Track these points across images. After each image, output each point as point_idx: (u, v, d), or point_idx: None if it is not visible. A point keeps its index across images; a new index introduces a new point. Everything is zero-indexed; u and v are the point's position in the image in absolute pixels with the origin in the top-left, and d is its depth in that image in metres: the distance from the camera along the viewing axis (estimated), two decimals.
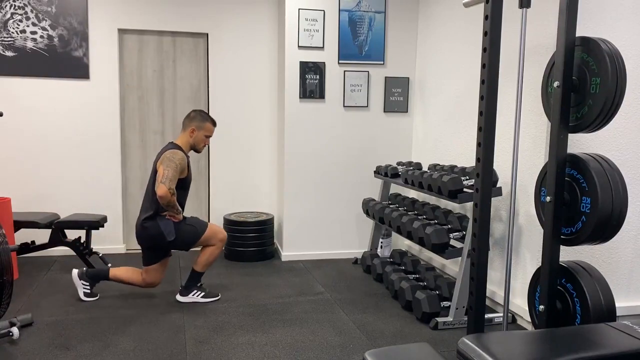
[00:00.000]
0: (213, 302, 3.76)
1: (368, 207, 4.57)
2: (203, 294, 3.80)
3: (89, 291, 3.77)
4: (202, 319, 3.45)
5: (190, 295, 3.77)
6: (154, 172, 3.57)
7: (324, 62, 4.78)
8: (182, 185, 3.61)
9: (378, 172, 4.72)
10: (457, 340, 1.84)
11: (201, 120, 3.69)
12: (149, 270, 3.70)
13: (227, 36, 5.04)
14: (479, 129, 2.81)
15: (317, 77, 4.78)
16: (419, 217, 3.92)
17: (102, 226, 4.49)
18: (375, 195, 4.89)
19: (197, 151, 3.78)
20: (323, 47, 4.77)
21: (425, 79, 4.89)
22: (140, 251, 3.73)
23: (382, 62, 4.93)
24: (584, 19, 2.99)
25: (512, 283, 3.44)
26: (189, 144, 3.69)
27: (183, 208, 3.68)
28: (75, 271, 3.77)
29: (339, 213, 4.98)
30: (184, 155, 3.57)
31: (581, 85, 2.54)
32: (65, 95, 4.78)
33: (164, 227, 3.55)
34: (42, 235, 4.44)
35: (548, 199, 2.60)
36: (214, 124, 3.77)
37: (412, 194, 5.00)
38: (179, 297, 3.78)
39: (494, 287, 3.72)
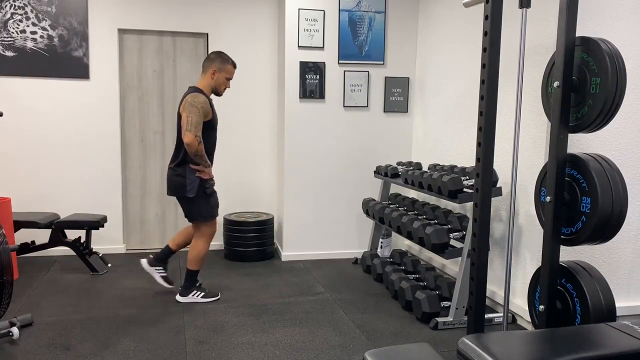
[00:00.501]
0: (213, 302, 3.76)
1: (368, 207, 4.57)
2: (203, 293, 3.79)
3: (165, 274, 3.78)
4: (202, 319, 3.45)
5: (190, 295, 3.77)
6: (179, 118, 3.52)
7: (324, 62, 4.78)
8: (209, 127, 3.54)
9: (378, 172, 4.72)
10: (457, 340, 1.84)
11: (222, 62, 3.62)
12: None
13: (227, 36, 5.04)
14: (479, 129, 2.81)
15: (317, 77, 4.78)
16: (419, 217, 3.92)
17: (102, 226, 4.49)
18: (375, 195, 4.89)
19: (218, 94, 3.70)
20: (323, 47, 4.77)
21: (425, 79, 4.89)
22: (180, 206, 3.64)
23: (382, 62, 4.93)
24: (584, 19, 2.99)
25: (512, 283, 3.44)
26: (210, 86, 3.63)
27: (212, 152, 3.62)
28: (144, 260, 3.76)
29: (339, 213, 4.98)
30: (205, 97, 3.52)
31: (581, 85, 2.54)
32: (65, 95, 4.78)
33: (189, 182, 3.50)
34: (42, 235, 4.44)
35: (548, 199, 2.59)
36: (234, 66, 3.70)
37: (412, 194, 5.00)
38: (178, 298, 3.77)
39: (494, 287, 3.72)
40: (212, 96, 3.70)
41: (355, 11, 4.81)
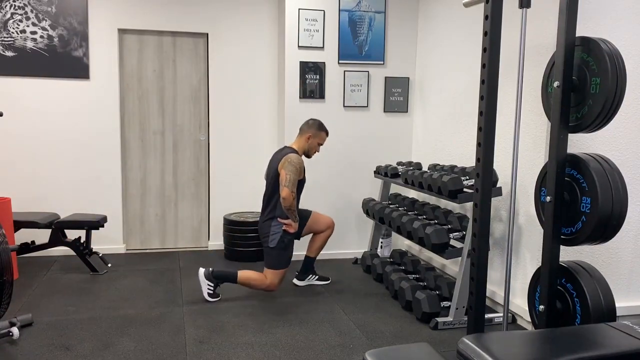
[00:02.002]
0: (214, 301, 3.76)
1: (368, 207, 4.57)
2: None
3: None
4: (202, 319, 3.45)
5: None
6: (275, 175, 3.79)
7: (324, 62, 4.78)
8: (299, 186, 3.84)
9: (378, 172, 4.72)
10: (457, 340, 1.84)
11: (318, 129, 3.96)
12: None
13: (227, 36, 5.04)
14: (479, 129, 2.81)
15: (317, 77, 4.78)
16: (419, 217, 3.92)
17: (102, 226, 4.49)
18: (375, 195, 4.89)
19: (308, 156, 4.01)
20: (323, 47, 4.77)
21: (425, 79, 4.89)
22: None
23: (382, 62, 4.93)
24: (584, 19, 2.99)
25: (512, 283, 3.44)
26: (304, 148, 3.95)
27: (297, 207, 3.87)
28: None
29: (339, 213, 4.98)
30: (301, 158, 3.82)
31: (581, 85, 2.54)
32: (65, 95, 4.78)
33: (272, 231, 3.78)
34: (42, 235, 4.44)
35: (548, 199, 2.60)
36: (327, 134, 4.04)
37: (412, 194, 5.00)
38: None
39: (494, 287, 3.72)
40: None
41: (355, 11, 4.81)
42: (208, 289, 3.79)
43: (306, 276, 4.19)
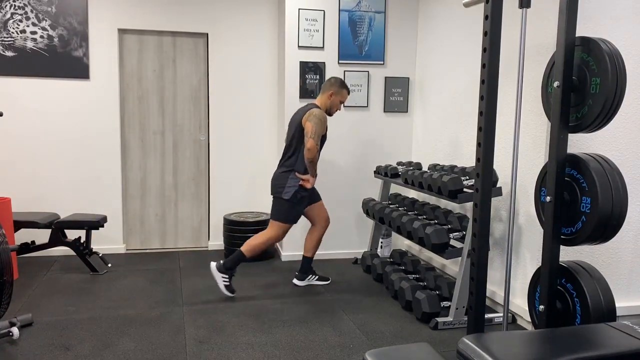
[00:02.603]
0: (214, 301, 3.76)
1: (368, 207, 4.57)
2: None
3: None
4: (202, 319, 3.45)
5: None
6: (298, 128, 3.86)
7: (324, 62, 4.78)
8: (321, 141, 3.92)
9: (378, 172, 4.72)
10: (457, 340, 1.84)
11: (340, 87, 4.02)
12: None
13: (227, 36, 5.04)
14: (479, 129, 2.81)
15: (317, 77, 4.78)
16: (419, 217, 3.92)
17: (102, 226, 4.49)
18: (375, 195, 4.89)
19: (330, 114, 4.06)
20: (323, 47, 4.77)
21: (425, 79, 4.89)
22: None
23: (382, 62, 4.93)
24: (584, 19, 2.99)
25: (512, 283, 3.44)
26: (326, 105, 4.02)
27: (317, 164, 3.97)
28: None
29: (339, 213, 4.98)
30: (324, 114, 3.92)
31: (581, 85, 2.54)
32: (65, 95, 4.78)
33: (289, 183, 3.85)
34: (42, 235, 4.44)
35: (548, 199, 2.60)
36: (349, 92, 4.12)
37: (412, 194, 5.00)
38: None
39: (494, 287, 3.72)
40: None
41: (355, 11, 4.81)
42: (224, 281, 3.81)
43: (306, 276, 4.20)
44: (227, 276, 3.81)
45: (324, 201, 4.92)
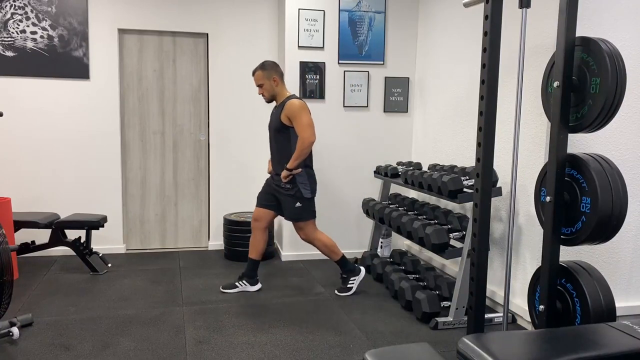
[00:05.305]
0: (214, 301, 3.76)
1: (368, 207, 4.57)
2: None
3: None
4: (202, 319, 3.45)
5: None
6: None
7: (324, 62, 4.78)
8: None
9: (378, 172, 4.72)
10: (457, 340, 1.84)
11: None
12: (311, 225, 3.94)
13: (227, 36, 5.04)
14: (479, 129, 2.81)
15: (317, 77, 4.78)
16: (419, 217, 3.92)
17: (102, 226, 4.49)
18: (375, 195, 4.89)
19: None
20: (323, 47, 4.77)
21: (425, 79, 4.89)
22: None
23: (382, 62, 4.93)
24: (584, 19, 2.99)
25: (512, 283, 3.44)
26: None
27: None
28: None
29: (339, 213, 4.98)
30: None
31: (581, 85, 2.54)
32: (65, 95, 4.78)
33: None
34: (42, 235, 4.44)
35: (548, 199, 2.60)
36: (252, 73, 3.92)
37: (412, 194, 5.00)
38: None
39: (494, 287, 3.72)
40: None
41: (355, 11, 4.81)
42: (242, 286, 4.00)
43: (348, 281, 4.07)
44: (244, 283, 4.00)
45: (324, 201, 4.93)
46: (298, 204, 3.77)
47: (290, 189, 3.75)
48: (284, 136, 3.76)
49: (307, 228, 3.89)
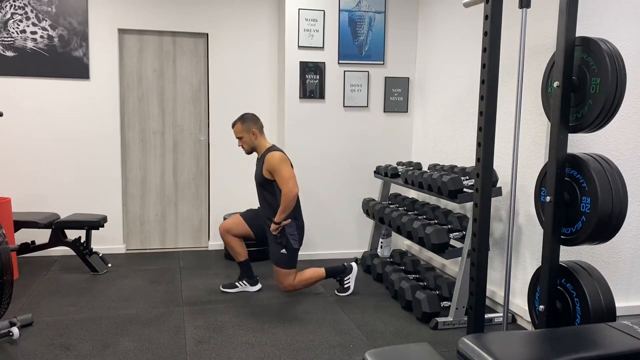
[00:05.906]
0: (214, 301, 3.76)
1: (368, 207, 4.57)
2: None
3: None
4: (202, 319, 3.45)
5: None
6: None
7: (324, 62, 4.78)
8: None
9: (378, 172, 4.72)
10: (457, 340, 1.84)
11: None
12: (292, 274, 3.86)
13: (227, 36, 5.04)
14: (479, 129, 2.81)
15: (317, 77, 4.78)
16: (419, 217, 3.92)
17: (102, 226, 4.49)
18: (375, 195, 4.89)
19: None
20: (323, 47, 4.77)
21: (425, 79, 4.89)
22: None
23: (382, 62, 4.93)
24: (584, 19, 2.99)
25: (512, 283, 3.44)
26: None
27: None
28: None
29: (339, 213, 4.98)
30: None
31: (581, 85, 2.54)
32: (65, 95, 4.78)
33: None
34: (42, 235, 4.44)
35: (548, 199, 2.60)
36: (231, 125, 3.93)
37: (412, 194, 5.00)
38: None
39: (494, 287, 3.72)
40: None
41: (355, 11, 4.81)
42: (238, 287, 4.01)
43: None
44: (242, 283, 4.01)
45: (324, 201, 4.94)
46: (283, 251, 3.76)
47: (279, 238, 3.74)
48: (268, 189, 3.76)
49: (287, 278, 3.81)
